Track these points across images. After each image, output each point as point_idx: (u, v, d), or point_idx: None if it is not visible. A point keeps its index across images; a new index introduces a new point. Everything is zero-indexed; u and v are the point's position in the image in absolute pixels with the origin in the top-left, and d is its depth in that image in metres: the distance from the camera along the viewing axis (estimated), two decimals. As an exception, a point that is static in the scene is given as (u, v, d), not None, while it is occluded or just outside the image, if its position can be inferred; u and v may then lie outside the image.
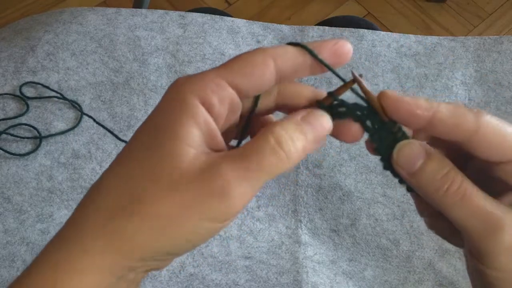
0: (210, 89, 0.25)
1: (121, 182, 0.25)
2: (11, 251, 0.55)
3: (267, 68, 0.25)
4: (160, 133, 0.24)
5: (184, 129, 0.24)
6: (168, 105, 0.25)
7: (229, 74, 0.25)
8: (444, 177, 0.26)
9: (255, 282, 0.56)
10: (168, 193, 0.24)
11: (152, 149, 0.24)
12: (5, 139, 0.61)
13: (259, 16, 1.61)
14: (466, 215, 0.25)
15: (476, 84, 0.69)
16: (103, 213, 0.24)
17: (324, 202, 0.61)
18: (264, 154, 0.24)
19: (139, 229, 0.24)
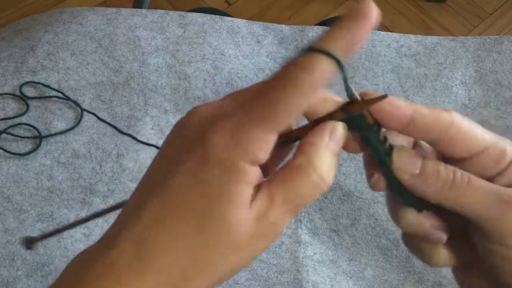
0: (260, 149, 0.25)
1: (183, 247, 0.25)
2: (11, 250, 0.55)
3: (306, 103, 0.25)
4: (216, 201, 0.25)
5: (241, 196, 0.25)
6: (220, 172, 0.25)
7: (277, 127, 0.25)
8: (446, 169, 0.27)
9: (256, 280, 0.56)
10: (230, 257, 0.25)
11: (210, 217, 0.25)
12: (5, 139, 0.61)
13: (259, 16, 1.61)
14: (478, 198, 0.26)
15: (476, 84, 0.69)
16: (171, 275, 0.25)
17: (324, 202, 0.61)
18: (309, 193, 0.25)
19: (203, 285, 0.25)
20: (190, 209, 0.25)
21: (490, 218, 0.26)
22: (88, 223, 0.57)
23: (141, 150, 0.62)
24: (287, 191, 0.25)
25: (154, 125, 0.64)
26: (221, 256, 0.25)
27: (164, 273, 0.25)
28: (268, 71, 0.69)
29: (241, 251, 0.25)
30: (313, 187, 0.25)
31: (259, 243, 0.26)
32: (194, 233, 0.25)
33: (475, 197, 0.26)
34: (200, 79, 0.67)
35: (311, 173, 0.25)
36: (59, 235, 0.56)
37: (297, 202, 0.25)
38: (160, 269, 0.25)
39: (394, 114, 0.27)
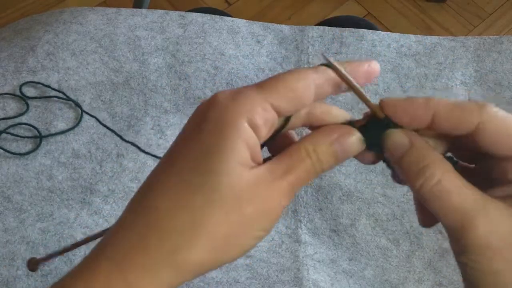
0: (258, 112, 0.26)
1: (183, 208, 0.25)
2: (11, 249, 0.55)
3: (309, 94, 0.27)
4: (213, 155, 0.25)
5: (237, 151, 0.25)
6: (218, 127, 0.26)
7: (274, 98, 0.26)
8: (421, 170, 0.26)
9: (256, 279, 0.56)
10: (231, 214, 0.25)
11: (206, 171, 0.25)
12: (5, 139, 0.61)
13: (259, 16, 1.61)
14: (441, 212, 0.26)
15: (476, 84, 0.69)
16: (164, 234, 0.25)
17: (324, 202, 0.61)
18: (303, 174, 0.26)
19: (201, 249, 0.25)
20: (190, 167, 0.25)
21: (454, 230, 0.26)
22: (89, 223, 0.57)
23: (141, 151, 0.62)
24: (284, 166, 0.26)
25: (154, 125, 0.64)
26: (222, 214, 0.25)
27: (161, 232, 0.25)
28: (268, 71, 0.69)
29: (243, 210, 0.25)
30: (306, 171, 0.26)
31: (262, 213, 0.26)
32: (195, 192, 0.25)
33: (440, 208, 0.26)
34: (200, 79, 0.67)
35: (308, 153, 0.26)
36: (58, 235, 0.56)
37: (293, 179, 0.26)
38: (157, 227, 0.25)
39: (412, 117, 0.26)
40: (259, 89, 0.26)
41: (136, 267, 0.25)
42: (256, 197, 0.25)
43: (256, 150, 0.26)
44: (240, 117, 0.25)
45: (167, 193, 0.26)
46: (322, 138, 0.27)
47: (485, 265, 0.25)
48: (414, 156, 0.26)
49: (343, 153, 0.27)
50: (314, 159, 0.27)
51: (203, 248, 0.25)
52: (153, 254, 0.25)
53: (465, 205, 0.25)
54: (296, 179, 0.26)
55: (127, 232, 0.26)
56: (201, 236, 0.25)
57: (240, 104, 0.26)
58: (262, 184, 0.26)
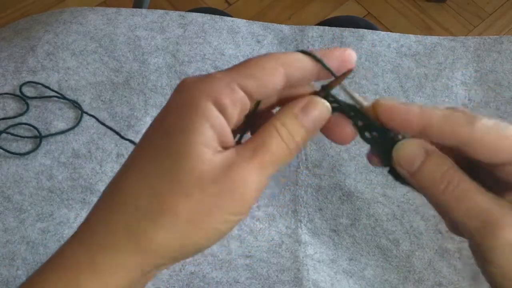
0: (224, 92, 0.25)
1: (141, 184, 0.25)
2: (11, 249, 0.55)
3: (277, 75, 0.26)
4: (175, 135, 0.25)
5: (200, 131, 0.25)
6: (181, 107, 0.26)
7: (242, 78, 0.26)
8: (442, 176, 0.26)
9: (256, 279, 0.56)
10: (190, 193, 0.25)
11: (169, 151, 0.25)
12: (5, 139, 0.61)
13: (259, 16, 1.61)
14: (465, 214, 0.25)
15: (476, 84, 0.69)
16: (128, 215, 0.25)
17: (324, 202, 0.61)
18: (273, 150, 0.26)
19: (165, 230, 0.25)
20: (153, 148, 0.25)
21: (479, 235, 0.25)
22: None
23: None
24: (252, 146, 0.26)
25: (154, 125, 0.64)
26: (182, 196, 0.25)
27: (126, 213, 0.25)
28: (268, 71, 0.69)
29: (204, 194, 0.25)
30: (277, 148, 0.26)
31: (225, 200, 0.25)
32: (157, 172, 0.25)
33: (463, 211, 0.25)
34: (200, 79, 0.67)
35: (273, 130, 0.26)
36: (58, 235, 0.56)
37: (262, 157, 0.26)
38: (122, 208, 0.25)
39: (405, 122, 0.26)
40: (226, 71, 0.26)
41: (103, 247, 0.25)
42: (221, 179, 0.25)
43: (224, 132, 0.26)
44: (204, 97, 0.25)
45: (131, 172, 0.26)
46: (288, 112, 0.27)
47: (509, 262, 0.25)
48: (433, 164, 0.26)
49: (312, 122, 0.27)
50: (284, 134, 0.26)
51: (167, 229, 0.25)
52: (118, 234, 0.25)
53: (489, 205, 0.25)
54: (268, 157, 0.26)
55: (96, 215, 0.26)
56: (163, 216, 0.25)
57: (205, 84, 0.26)
58: (228, 165, 0.25)
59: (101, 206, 0.26)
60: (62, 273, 0.25)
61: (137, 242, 0.25)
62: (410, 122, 0.26)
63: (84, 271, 0.25)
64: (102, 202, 0.27)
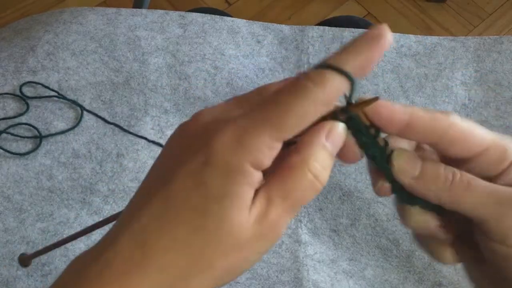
0: (264, 154, 0.25)
1: (182, 245, 0.25)
2: (11, 249, 0.55)
3: (315, 117, 0.25)
4: (217, 201, 0.25)
5: (242, 197, 0.25)
6: (222, 171, 0.25)
7: (283, 134, 0.25)
8: (446, 169, 0.27)
9: (256, 280, 0.56)
10: (230, 255, 0.25)
11: (209, 214, 0.25)
12: (5, 139, 0.61)
13: (259, 16, 1.61)
14: (477, 199, 0.26)
15: (476, 84, 0.69)
16: (171, 271, 0.25)
17: (324, 202, 0.61)
18: (304, 191, 0.26)
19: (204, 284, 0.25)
20: (191, 209, 0.25)
21: (489, 219, 0.26)
22: (89, 223, 0.57)
23: (141, 150, 0.62)
24: (283, 190, 0.25)
25: (154, 125, 0.64)
26: (221, 256, 0.25)
27: (163, 273, 0.25)
28: (268, 71, 0.69)
29: (242, 252, 0.25)
30: (308, 186, 0.26)
31: (260, 244, 0.26)
32: (195, 233, 0.25)
33: (474, 198, 0.26)
34: (200, 79, 0.67)
35: (305, 172, 0.25)
36: (59, 235, 0.56)
37: (293, 200, 0.25)
38: (159, 269, 0.25)
39: (390, 119, 0.27)
40: (267, 124, 0.24)
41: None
42: (255, 233, 0.25)
43: (261, 181, 0.26)
44: (246, 163, 0.25)
45: (165, 230, 0.25)
46: (315, 143, 0.26)
47: None
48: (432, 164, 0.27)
49: (335, 149, 0.27)
50: (317, 171, 0.26)
51: (205, 281, 0.25)
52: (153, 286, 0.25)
53: (495, 188, 0.26)
54: (298, 200, 0.26)
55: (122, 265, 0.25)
56: (202, 271, 0.25)
57: (248, 150, 0.24)
58: (261, 218, 0.25)
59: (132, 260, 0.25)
60: None
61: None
62: (394, 117, 0.27)
63: None
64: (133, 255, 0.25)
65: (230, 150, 0.24)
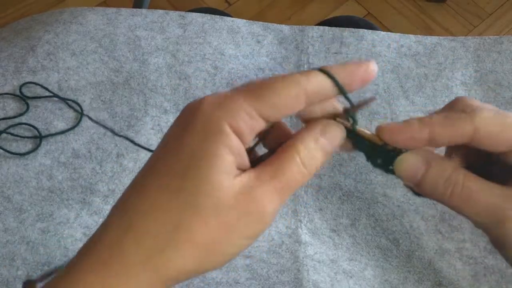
0: (243, 119, 0.25)
1: (160, 211, 0.25)
2: (11, 250, 0.55)
3: (298, 102, 0.26)
4: (195, 161, 0.25)
5: (220, 158, 0.25)
6: (202, 132, 0.25)
7: (261, 105, 0.26)
8: (446, 182, 0.27)
9: (256, 280, 0.56)
10: (209, 220, 0.25)
11: (188, 176, 0.25)
12: (5, 139, 0.61)
13: (259, 16, 1.61)
14: (475, 213, 0.26)
15: (476, 84, 0.69)
16: (145, 243, 0.25)
17: (324, 202, 0.61)
18: (292, 174, 0.26)
19: (184, 257, 0.25)
20: (171, 173, 0.25)
21: (490, 229, 0.26)
22: (89, 223, 0.57)
23: (141, 150, 0.62)
24: (271, 170, 0.26)
25: (154, 125, 0.64)
26: (200, 222, 0.25)
27: (139, 244, 0.25)
28: (268, 71, 0.69)
29: (223, 217, 0.25)
30: (295, 170, 0.26)
31: (245, 223, 0.25)
32: (174, 197, 0.25)
33: (472, 211, 0.26)
34: (200, 79, 0.67)
35: (294, 155, 0.26)
36: (59, 235, 0.56)
37: (280, 181, 0.26)
38: (135, 240, 0.25)
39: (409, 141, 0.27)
40: (246, 95, 0.26)
41: (114, 271, 0.24)
42: (239, 204, 0.25)
43: (241, 157, 0.26)
44: (224, 124, 0.25)
45: (146, 195, 0.25)
46: (307, 135, 0.27)
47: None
48: (435, 172, 0.27)
49: (330, 146, 0.27)
50: (304, 158, 0.26)
51: (184, 254, 0.25)
52: (130, 257, 0.25)
53: (495, 200, 0.26)
54: (286, 182, 0.26)
55: (105, 235, 0.26)
56: (181, 242, 0.25)
57: (226, 110, 0.25)
58: (247, 189, 0.25)
59: (112, 225, 0.26)
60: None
61: (152, 267, 0.25)
62: (413, 138, 0.27)
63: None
64: (112, 221, 0.26)
65: (209, 112, 0.26)
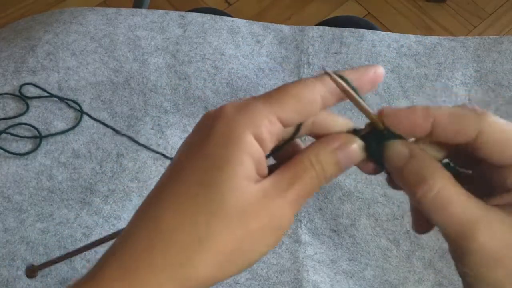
0: (264, 126, 0.26)
1: (186, 221, 0.25)
2: (11, 250, 0.55)
3: (316, 106, 0.27)
4: (220, 169, 0.25)
5: (244, 165, 0.25)
6: (224, 139, 0.26)
7: (281, 111, 0.26)
8: (422, 181, 0.26)
9: (256, 280, 0.56)
10: (235, 230, 0.25)
11: (214, 185, 0.25)
12: (5, 139, 0.61)
13: (259, 16, 1.61)
14: (444, 220, 0.25)
15: (476, 84, 0.69)
16: (174, 252, 0.25)
17: (324, 202, 0.61)
18: (306, 183, 0.26)
19: (208, 264, 0.25)
20: (196, 182, 0.25)
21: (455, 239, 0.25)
22: (89, 223, 0.57)
23: (140, 150, 0.62)
24: (288, 178, 0.26)
25: (154, 125, 0.64)
26: (225, 229, 0.25)
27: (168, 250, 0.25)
28: (268, 71, 0.69)
29: (247, 226, 0.25)
30: (312, 182, 0.26)
31: (267, 228, 0.26)
32: (195, 205, 0.25)
33: (439, 217, 0.25)
34: (200, 79, 0.67)
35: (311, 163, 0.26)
36: (58, 235, 0.56)
37: (298, 192, 0.26)
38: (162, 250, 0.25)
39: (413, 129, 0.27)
40: (266, 101, 0.26)
41: (139, 281, 0.25)
42: (262, 212, 0.25)
43: (261, 163, 0.26)
44: (246, 130, 0.25)
45: (172, 205, 0.26)
46: (324, 147, 0.27)
47: (486, 274, 0.25)
48: (414, 167, 0.26)
49: (346, 161, 0.27)
50: (317, 169, 0.26)
51: (208, 263, 0.25)
52: (157, 268, 0.25)
53: (466, 215, 0.25)
54: (301, 191, 0.26)
55: (131, 244, 0.26)
56: (206, 251, 0.25)
57: (247, 117, 0.26)
58: (267, 198, 0.25)
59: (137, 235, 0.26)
60: None
61: (176, 277, 0.25)
62: (416, 125, 0.26)
63: None
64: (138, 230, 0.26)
65: (230, 119, 0.26)
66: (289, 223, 0.26)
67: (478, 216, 0.25)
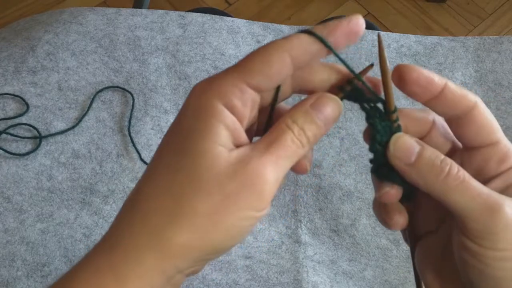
0: (233, 94, 0.26)
1: (161, 186, 0.26)
2: (11, 250, 0.55)
3: (284, 65, 0.26)
4: (191, 137, 0.26)
5: (215, 132, 0.26)
6: (194, 111, 0.26)
7: (248, 76, 0.26)
8: (443, 162, 0.27)
9: (256, 281, 0.56)
10: (209, 191, 0.25)
11: (187, 152, 0.26)
12: (5, 139, 0.61)
13: (259, 16, 1.61)
14: (466, 197, 0.26)
15: (476, 84, 0.69)
16: (148, 217, 0.25)
17: (324, 202, 0.61)
18: (286, 143, 0.26)
19: (185, 230, 0.25)
20: (172, 152, 0.26)
21: (473, 219, 0.26)
22: (89, 224, 0.57)
23: (140, 151, 0.62)
24: (266, 141, 0.26)
25: (154, 125, 0.64)
26: (202, 195, 0.25)
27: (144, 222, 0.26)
28: (268, 71, 0.69)
29: (223, 188, 0.25)
30: (291, 143, 0.26)
31: (246, 190, 0.25)
32: (176, 174, 0.26)
33: (465, 196, 0.26)
34: (200, 79, 0.67)
35: (283, 126, 0.27)
36: (58, 236, 0.56)
37: (276, 150, 0.26)
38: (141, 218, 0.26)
39: (428, 86, 0.28)
40: (233, 70, 0.27)
41: (122, 254, 0.25)
42: (238, 175, 0.25)
43: (238, 132, 0.26)
44: (215, 100, 0.26)
45: (149, 178, 0.27)
46: (299, 108, 0.27)
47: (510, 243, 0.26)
48: (431, 153, 0.27)
49: (322, 118, 0.27)
50: (295, 130, 0.27)
51: (186, 228, 0.25)
52: (137, 239, 0.25)
53: (492, 194, 0.26)
54: (280, 151, 0.26)
55: (116, 222, 0.27)
56: (182, 215, 0.25)
57: (215, 88, 0.26)
58: (244, 161, 0.26)
59: (125, 210, 0.27)
60: (85, 281, 0.25)
61: (157, 243, 0.25)
62: (432, 82, 0.27)
63: (107, 279, 0.25)
64: (126, 206, 0.27)
65: (201, 92, 0.27)
66: (273, 184, 0.26)
67: (499, 195, 0.26)
